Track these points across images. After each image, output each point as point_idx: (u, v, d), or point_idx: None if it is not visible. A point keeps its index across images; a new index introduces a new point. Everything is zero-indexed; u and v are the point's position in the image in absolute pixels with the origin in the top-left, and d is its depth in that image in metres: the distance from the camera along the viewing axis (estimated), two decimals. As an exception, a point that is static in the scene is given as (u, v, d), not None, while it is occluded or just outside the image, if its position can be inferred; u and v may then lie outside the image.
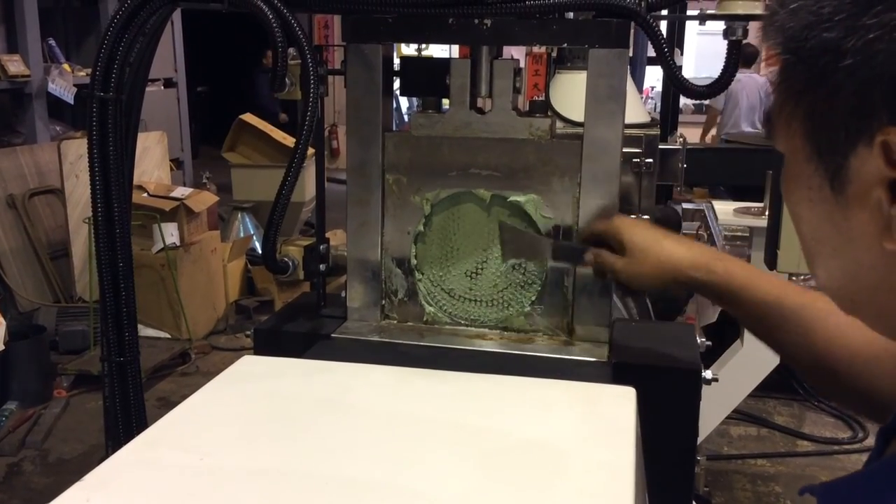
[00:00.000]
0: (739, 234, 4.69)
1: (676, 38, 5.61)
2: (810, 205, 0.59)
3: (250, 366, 1.20)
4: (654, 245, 1.18)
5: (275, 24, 1.25)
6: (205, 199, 5.42)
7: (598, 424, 1.03)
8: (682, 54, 5.85)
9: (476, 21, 1.30)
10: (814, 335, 1.02)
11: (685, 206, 5.69)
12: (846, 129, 0.54)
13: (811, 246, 0.62)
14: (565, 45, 1.35)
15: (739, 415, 4.03)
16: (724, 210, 3.25)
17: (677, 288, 1.17)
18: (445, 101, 1.42)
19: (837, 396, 1.09)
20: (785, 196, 0.64)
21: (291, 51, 1.31)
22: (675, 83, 1.29)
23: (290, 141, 6.56)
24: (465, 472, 0.91)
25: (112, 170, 1.36)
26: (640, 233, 1.21)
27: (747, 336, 3.10)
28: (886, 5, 0.50)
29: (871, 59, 0.50)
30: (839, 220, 0.57)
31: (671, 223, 5.09)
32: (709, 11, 1.37)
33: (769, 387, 3.60)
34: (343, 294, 1.50)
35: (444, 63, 1.40)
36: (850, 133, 0.53)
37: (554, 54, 3.36)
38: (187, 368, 4.77)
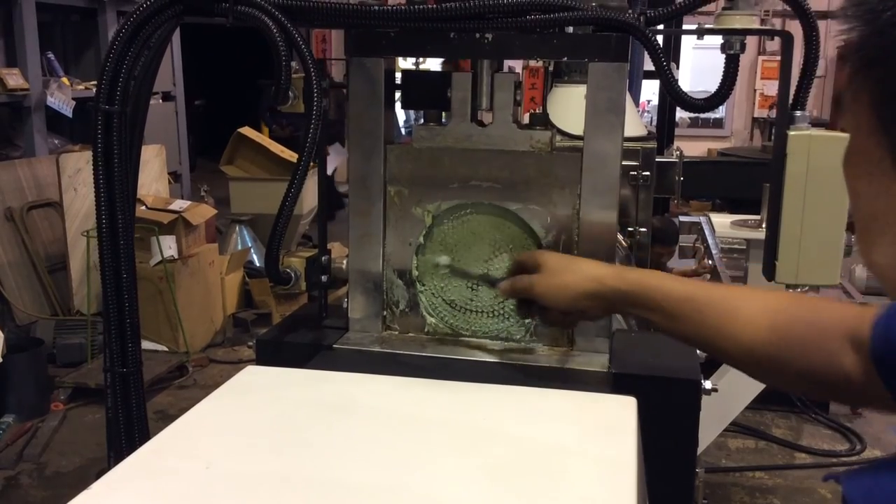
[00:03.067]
0: (736, 246, 4.72)
1: (672, 52, 5.65)
2: (869, 178, 0.60)
3: (254, 376, 1.21)
4: (568, 263, 1.23)
5: (278, 38, 1.27)
6: (203, 212, 5.43)
7: (599, 434, 1.04)
8: (677, 68, 5.89)
9: (477, 35, 1.32)
10: (727, 327, 1.04)
11: (682, 218, 5.73)
12: None
13: (867, 223, 0.62)
14: (565, 58, 1.36)
15: (737, 427, 4.03)
16: (722, 222, 3.26)
17: (592, 306, 1.20)
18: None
19: (758, 378, 1.12)
20: (845, 171, 0.64)
21: (294, 64, 1.32)
22: (674, 96, 1.30)
23: (288, 154, 6.58)
24: (467, 481, 0.92)
25: (116, 182, 1.37)
26: (553, 256, 1.27)
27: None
28: None
29: None
30: None
31: (670, 234, 5.11)
32: (706, 26, 1.39)
33: (767, 399, 3.60)
34: (345, 305, 1.51)
35: (446, 76, 1.41)
36: None
37: (551, 68, 3.40)
38: (185, 381, 4.76)
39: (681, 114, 9.07)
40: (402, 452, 0.98)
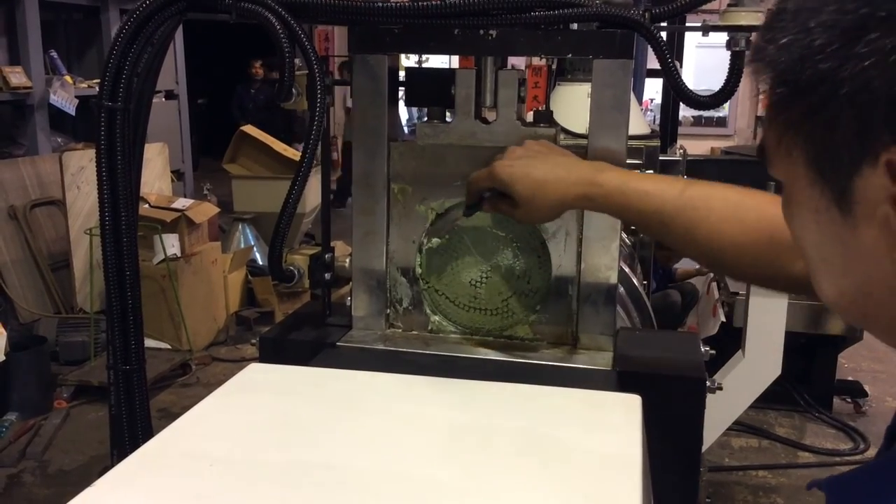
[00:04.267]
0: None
1: (676, 50, 5.65)
2: (818, 227, 0.61)
3: (257, 374, 1.20)
4: (541, 187, 1.20)
5: (282, 35, 1.26)
6: (205, 211, 5.43)
7: (604, 432, 1.04)
8: (681, 66, 5.88)
9: (481, 32, 1.32)
10: (695, 232, 1.13)
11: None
12: (849, 153, 0.55)
13: (819, 266, 0.64)
14: (570, 55, 1.36)
15: (741, 426, 4.03)
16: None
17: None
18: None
19: (727, 275, 1.19)
20: (789, 221, 0.66)
21: (297, 61, 1.32)
22: (679, 93, 1.30)
23: (290, 153, 6.58)
24: (471, 479, 0.91)
25: (120, 179, 1.37)
26: (522, 180, 1.21)
27: (749, 347, 3.11)
28: (879, 33, 0.52)
29: (867, 84, 0.52)
30: (848, 238, 0.58)
31: None
32: (710, 23, 1.38)
33: (770, 398, 3.60)
34: (348, 303, 1.50)
35: (450, 73, 1.41)
36: (854, 156, 0.55)
37: (554, 67, 3.40)
38: (188, 379, 4.77)
39: (684, 112, 9.06)
40: (405, 450, 0.98)
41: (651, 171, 2.94)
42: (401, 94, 1.51)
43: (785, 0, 0.59)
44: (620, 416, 1.07)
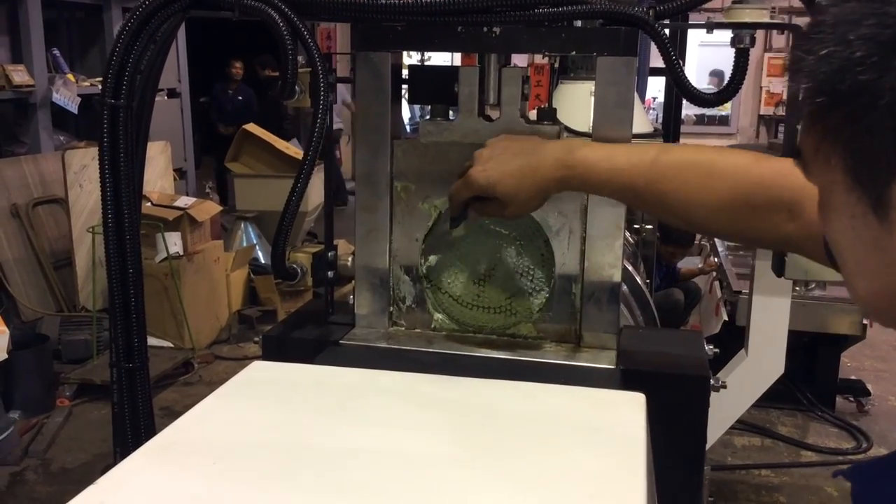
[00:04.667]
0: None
1: (679, 49, 5.63)
2: (854, 232, 0.63)
3: (260, 371, 1.20)
4: (520, 181, 1.21)
5: (285, 32, 1.26)
6: (208, 209, 5.43)
7: (608, 430, 1.04)
8: (684, 66, 5.86)
9: (485, 29, 1.31)
10: (668, 203, 1.16)
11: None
12: (887, 160, 0.57)
13: (853, 269, 0.66)
14: (573, 52, 1.35)
15: (743, 425, 4.02)
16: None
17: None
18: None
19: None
20: (826, 227, 0.68)
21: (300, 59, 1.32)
22: (683, 90, 1.29)
23: (293, 151, 6.58)
24: (475, 477, 0.91)
25: (122, 176, 1.37)
26: (501, 180, 1.22)
27: (751, 346, 3.10)
28: None
29: None
30: (885, 243, 0.61)
31: (687, 235, 5.11)
32: (714, 20, 1.38)
33: (773, 397, 3.59)
34: (351, 301, 1.50)
35: (453, 71, 1.40)
36: (892, 163, 0.57)
37: (556, 65, 3.39)
38: (190, 378, 4.77)
39: (687, 111, 9.05)
40: (407, 448, 0.98)
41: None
42: (404, 92, 1.50)
43: (823, 12, 0.60)
44: (624, 414, 1.07)
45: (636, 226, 3.19)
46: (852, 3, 0.58)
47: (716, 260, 4.84)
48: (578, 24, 1.36)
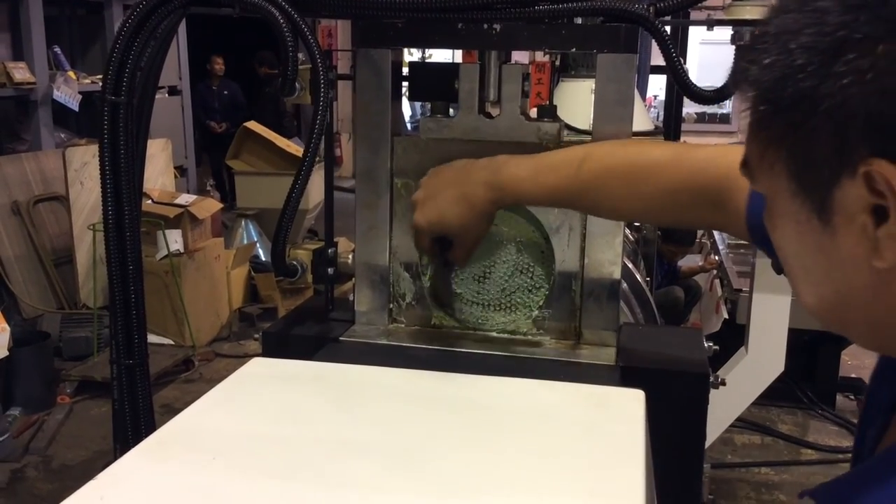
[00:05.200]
0: (742, 241, 4.70)
1: (680, 47, 5.63)
2: (799, 237, 0.64)
3: (260, 368, 1.20)
4: (460, 215, 1.24)
5: (285, 28, 1.26)
6: (208, 207, 5.44)
7: (607, 427, 1.04)
8: (685, 63, 5.87)
9: (485, 26, 1.31)
10: (600, 209, 1.23)
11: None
12: (829, 166, 0.58)
13: (800, 275, 0.67)
14: (574, 49, 1.35)
15: (743, 423, 4.02)
16: (728, 218, 3.23)
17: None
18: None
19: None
20: (772, 232, 0.68)
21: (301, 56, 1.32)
22: (683, 87, 1.30)
23: (294, 149, 6.58)
24: (474, 474, 0.91)
25: (123, 173, 1.37)
26: (441, 219, 1.25)
27: (752, 344, 3.10)
28: (856, 53, 0.55)
29: (845, 101, 0.56)
30: (829, 247, 0.61)
31: (688, 234, 5.12)
32: (715, 17, 1.38)
33: (773, 395, 3.59)
34: (351, 298, 1.50)
35: (453, 68, 1.40)
36: (833, 168, 0.58)
37: (557, 63, 3.39)
38: (191, 375, 4.78)
39: (687, 109, 9.04)
40: (408, 444, 0.98)
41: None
42: (404, 89, 1.50)
43: (766, 24, 0.62)
44: (624, 410, 1.07)
45: (636, 224, 3.19)
46: (793, 14, 0.59)
47: (716, 258, 4.84)
48: (579, 21, 1.36)
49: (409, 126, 9.24)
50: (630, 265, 2.31)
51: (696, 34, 7.99)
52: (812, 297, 0.67)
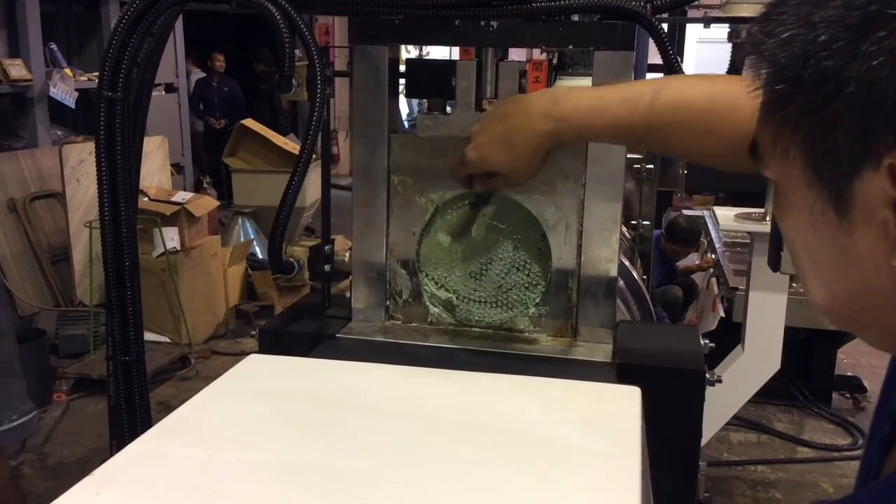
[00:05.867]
0: (739, 239, 4.71)
1: (677, 45, 5.64)
2: (812, 229, 0.59)
3: (257, 364, 1.20)
4: (510, 149, 1.19)
5: (282, 25, 1.26)
6: (205, 204, 5.43)
7: (603, 424, 1.04)
8: (682, 62, 5.87)
9: (482, 23, 1.31)
10: (670, 147, 1.20)
11: (685, 212, 5.71)
12: (850, 154, 0.53)
13: (810, 270, 0.62)
14: (570, 47, 1.35)
15: (739, 421, 4.03)
16: (725, 216, 3.25)
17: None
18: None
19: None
20: (782, 222, 0.63)
21: (297, 52, 1.32)
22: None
23: (291, 147, 6.57)
24: (472, 469, 0.91)
25: (119, 169, 1.37)
26: (491, 155, 1.21)
27: (748, 342, 3.11)
28: (888, 31, 0.50)
29: (874, 84, 0.50)
30: (844, 242, 0.57)
31: (693, 234, 5.13)
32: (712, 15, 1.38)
33: (769, 393, 3.60)
34: (348, 295, 1.50)
35: (450, 65, 1.40)
36: (855, 158, 0.53)
37: (555, 61, 3.39)
38: (187, 373, 4.77)
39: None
40: (404, 441, 0.98)
41: (651, 166, 2.94)
42: (401, 86, 1.50)
43: None
44: (620, 407, 1.07)
45: (633, 221, 3.19)
46: None
47: (713, 256, 4.85)
48: (576, 18, 1.36)
49: (406, 124, 9.23)
50: (627, 263, 2.31)
51: (693, 32, 7.99)
52: (822, 294, 0.62)
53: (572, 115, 1.13)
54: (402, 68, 1.49)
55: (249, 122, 6.91)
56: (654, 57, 1.32)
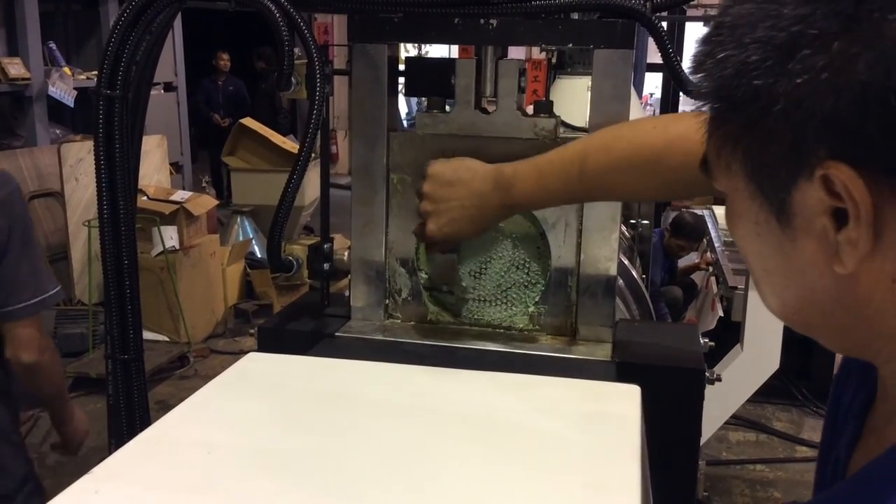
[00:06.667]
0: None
1: (676, 44, 5.64)
2: (759, 238, 0.61)
3: (255, 362, 1.20)
4: (473, 229, 1.32)
5: (281, 23, 1.26)
6: (204, 203, 5.43)
7: (603, 422, 1.04)
8: (681, 60, 5.87)
9: (482, 21, 1.31)
10: (612, 199, 1.33)
11: (684, 212, 5.72)
12: (786, 167, 0.56)
13: (762, 277, 0.64)
14: (570, 45, 1.35)
15: (738, 420, 4.03)
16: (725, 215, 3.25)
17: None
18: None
19: None
20: (732, 232, 0.66)
21: (297, 51, 1.32)
22: (679, 84, 1.29)
23: (290, 145, 6.58)
24: (471, 467, 0.91)
25: (118, 167, 1.36)
26: (461, 233, 1.32)
27: (747, 341, 3.11)
28: (811, 50, 0.52)
29: (801, 100, 0.53)
30: (789, 250, 0.59)
31: (697, 230, 5.13)
32: (711, 13, 1.38)
33: (768, 392, 3.61)
34: (347, 294, 1.50)
35: (450, 63, 1.40)
36: (791, 170, 0.56)
37: (554, 60, 3.39)
38: (186, 372, 4.78)
39: (683, 107, 9.06)
40: (403, 439, 0.98)
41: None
42: (401, 84, 1.50)
43: (724, 14, 0.59)
44: (620, 406, 1.07)
45: (632, 220, 3.20)
46: (749, 5, 0.56)
47: (713, 256, 4.85)
48: (575, 16, 1.36)
49: (405, 123, 9.23)
50: (626, 262, 2.31)
51: (692, 31, 8.00)
52: (775, 301, 0.64)
53: (522, 200, 1.27)
54: (402, 67, 1.49)
55: (248, 121, 6.91)
56: (654, 56, 1.31)
